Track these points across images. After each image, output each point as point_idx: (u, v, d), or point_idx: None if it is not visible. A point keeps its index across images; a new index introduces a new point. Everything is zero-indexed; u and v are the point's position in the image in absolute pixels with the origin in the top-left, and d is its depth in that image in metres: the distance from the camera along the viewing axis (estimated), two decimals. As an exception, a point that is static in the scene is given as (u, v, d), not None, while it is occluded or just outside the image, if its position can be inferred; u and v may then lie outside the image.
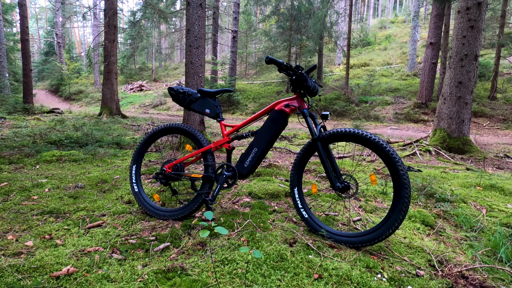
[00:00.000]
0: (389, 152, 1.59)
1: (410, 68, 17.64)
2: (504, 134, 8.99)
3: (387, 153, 1.60)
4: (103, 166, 3.73)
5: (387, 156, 1.59)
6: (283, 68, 1.82)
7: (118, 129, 8.13)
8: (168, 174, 2.04)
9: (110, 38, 10.74)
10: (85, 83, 25.25)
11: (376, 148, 1.63)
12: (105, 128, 7.76)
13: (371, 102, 12.66)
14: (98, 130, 7.30)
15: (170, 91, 2.10)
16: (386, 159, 1.60)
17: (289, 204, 2.37)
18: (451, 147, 5.03)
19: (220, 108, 2.07)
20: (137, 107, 18.42)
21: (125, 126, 8.92)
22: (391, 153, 1.59)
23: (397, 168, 1.57)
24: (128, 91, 23.03)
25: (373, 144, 1.63)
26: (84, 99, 21.15)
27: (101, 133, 6.33)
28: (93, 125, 8.33)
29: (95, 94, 21.53)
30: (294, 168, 1.91)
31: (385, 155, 1.60)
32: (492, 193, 2.79)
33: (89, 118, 10.97)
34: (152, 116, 13.50)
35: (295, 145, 6.06)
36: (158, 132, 2.14)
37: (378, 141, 1.62)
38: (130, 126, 9.12)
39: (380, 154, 1.63)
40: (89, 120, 10.17)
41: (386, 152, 1.60)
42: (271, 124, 1.90)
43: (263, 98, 15.83)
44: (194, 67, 4.73)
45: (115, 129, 8.05)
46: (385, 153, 1.60)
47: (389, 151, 1.59)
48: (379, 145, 1.62)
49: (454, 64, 5.01)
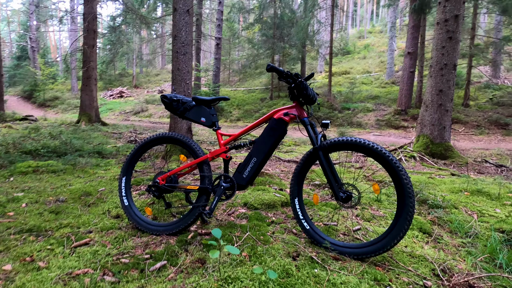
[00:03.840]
0: (392, 161, 1.58)
1: (389, 76, 18.31)
2: (478, 139, 9.45)
3: (390, 162, 1.58)
4: (85, 177, 3.52)
5: (390, 165, 1.58)
6: (283, 76, 1.78)
7: (98, 137, 7.80)
8: (161, 186, 1.93)
9: (89, 43, 10.40)
10: (61, 89, 24.25)
11: (379, 157, 1.62)
12: (85, 136, 7.43)
13: (354, 109, 12.96)
14: (77, 139, 6.97)
15: (163, 99, 2.01)
16: (389, 168, 1.59)
17: (286, 214, 2.31)
18: (434, 152, 5.19)
19: (216, 116, 1.99)
20: (118, 114, 17.87)
21: (106, 134, 8.58)
22: (394, 162, 1.58)
23: (400, 177, 1.56)
24: (107, 98, 22.34)
25: (376, 153, 1.62)
26: (60, 106, 20.26)
27: (81, 142, 6.04)
28: (72, 133, 7.94)
29: (72, 100, 20.70)
30: (294, 178, 1.86)
31: (388, 164, 1.59)
32: (479, 198, 2.86)
33: (67, 125, 10.48)
34: (133, 123, 13.11)
35: (283, 152, 6.05)
36: (150, 142, 2.03)
37: (381, 150, 1.61)
38: (111, 134, 8.78)
39: (383, 163, 1.61)
40: (67, 127, 9.71)
41: (389, 161, 1.58)
42: (270, 133, 1.85)
43: (247, 105, 15.82)
44: (181, 74, 4.63)
45: (95, 137, 7.72)
46: (388, 162, 1.59)
47: (392, 160, 1.58)
48: (382, 154, 1.60)
49: (435, 73, 5.21)
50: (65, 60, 13.29)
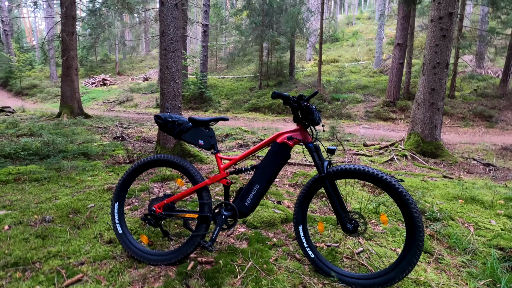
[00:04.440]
0: (402, 193, 1.53)
1: (377, 65, 18.34)
2: (463, 131, 9.69)
3: (399, 194, 1.53)
4: (72, 186, 3.35)
5: (400, 197, 1.53)
6: (289, 102, 1.68)
7: (82, 133, 7.48)
8: (158, 215, 1.82)
9: (68, 30, 9.80)
10: (39, 76, 23.06)
11: (388, 188, 1.56)
12: (68, 132, 7.10)
13: (343, 100, 12.97)
14: (60, 136, 6.66)
15: (157, 120, 1.86)
16: (399, 200, 1.54)
17: (287, 233, 2.26)
18: (425, 151, 5.25)
19: (214, 138, 1.87)
20: (101, 103, 17.23)
21: (90, 129, 8.25)
22: (404, 195, 1.52)
23: (410, 210, 1.51)
24: (89, 86, 21.46)
25: (385, 184, 1.56)
26: (39, 95, 19.32)
27: (64, 140, 5.76)
28: (53, 129, 7.58)
29: (52, 88, 19.76)
30: (298, 205, 1.79)
31: (397, 196, 1.54)
32: (474, 206, 2.90)
33: (47, 118, 10.01)
34: (119, 115, 12.68)
35: (275, 150, 5.97)
36: (144, 165, 1.90)
37: (390, 181, 1.55)
38: (95, 128, 8.44)
39: (392, 194, 1.56)
40: (47, 121, 9.27)
41: (399, 193, 1.53)
42: (273, 158, 1.75)
43: (236, 95, 15.56)
44: (171, 73, 4.41)
45: (79, 133, 7.40)
46: (398, 194, 1.53)
47: (402, 192, 1.53)
48: (391, 185, 1.55)
49: (428, 71, 5.19)
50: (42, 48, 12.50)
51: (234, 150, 5.94)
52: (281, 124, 11.07)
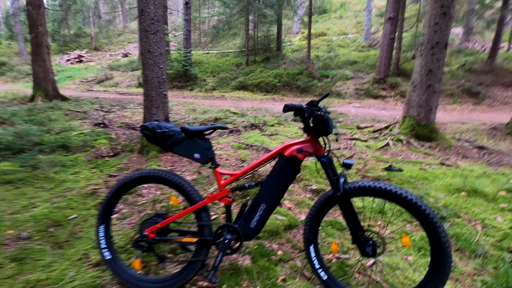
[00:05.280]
0: (429, 215, 1.36)
1: (366, 39, 17.91)
2: (452, 109, 9.73)
3: (426, 217, 1.37)
4: (51, 189, 3.05)
5: (427, 220, 1.37)
6: (302, 113, 1.44)
7: (59, 119, 6.97)
8: (151, 240, 1.60)
9: (34, 3, 8.84)
10: (7, 53, 21.28)
11: (413, 209, 1.39)
12: (43, 119, 6.58)
13: (332, 77, 12.69)
14: (35, 123, 6.18)
15: (144, 131, 1.59)
16: (425, 223, 1.38)
17: (291, 243, 2.11)
18: (420, 134, 5.17)
19: (212, 151, 1.63)
20: (78, 83, 16.21)
21: (68, 114, 7.69)
22: (431, 217, 1.36)
23: (438, 234, 1.36)
24: (64, 63, 20.09)
25: (410, 204, 1.39)
26: (9, 74, 17.93)
27: (40, 130, 5.32)
28: (27, 115, 7.02)
29: (23, 67, 18.35)
30: (308, 224, 1.61)
31: (424, 218, 1.38)
32: (477, 200, 2.84)
33: (20, 102, 9.29)
34: (98, 96, 11.94)
35: (267, 135, 5.75)
36: (130, 183, 1.64)
37: (416, 201, 1.38)
38: (74, 113, 7.89)
39: (417, 216, 1.40)
40: (20, 105, 8.59)
41: (425, 215, 1.37)
42: (280, 174, 1.54)
43: (222, 72, 14.94)
44: (153, 57, 4.00)
45: (56, 119, 6.89)
46: (425, 216, 1.37)
47: (429, 214, 1.37)
48: (417, 206, 1.38)
49: (426, 52, 4.97)
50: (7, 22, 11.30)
51: (225, 136, 5.68)
52: (270, 104, 10.76)
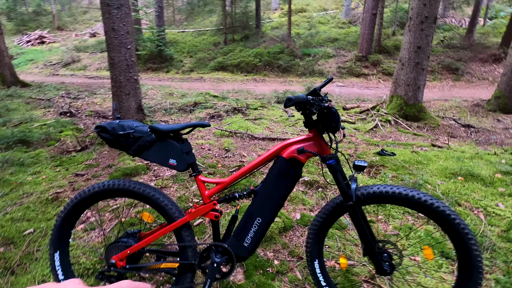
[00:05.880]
0: (459, 225, 1.14)
1: (346, 15, 17.50)
2: (433, 86, 9.75)
3: (456, 227, 1.14)
4: (4, 194, 2.62)
5: (456, 231, 1.15)
6: (308, 106, 1.14)
7: (19, 108, 6.28)
8: (121, 270, 1.28)
9: (-22, -24, 7.67)
10: (-44, 34, 19.09)
11: (439, 218, 1.16)
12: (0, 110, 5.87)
13: (314, 55, 12.33)
14: (-11, 115, 5.51)
15: (101, 134, 1.23)
16: (455, 235, 1.16)
17: (288, 249, 1.87)
18: (408, 114, 5.04)
19: (192, 155, 1.30)
20: (42, 66, 14.87)
21: (29, 102, 6.95)
22: (462, 227, 1.14)
23: (469, 247, 1.14)
24: (24, 45, 18.33)
25: (437, 214, 1.16)
26: (-40, 57, 16.11)
27: (-6, 124, 4.71)
28: (-20, 106, 6.24)
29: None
30: (313, 236, 1.36)
31: (453, 228, 1.15)
32: (475, 185, 2.72)
33: (-28, 90, 8.30)
34: (65, 81, 10.98)
35: (251, 120, 5.42)
36: (89, 198, 1.30)
37: (443, 209, 1.15)
38: (36, 101, 7.14)
39: (445, 226, 1.17)
40: (-27, 94, 7.66)
41: (455, 225, 1.14)
42: (279, 180, 1.25)
43: (199, 52, 14.17)
44: (119, 36, 3.49)
45: (14, 109, 6.20)
46: (454, 226, 1.15)
47: (459, 224, 1.14)
48: (445, 215, 1.15)
49: (414, 27, 4.73)
50: None
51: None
52: (252, 85, 10.33)
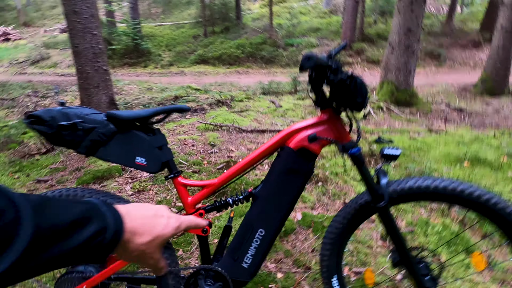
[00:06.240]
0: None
1: (327, 4, 17.33)
2: (417, 72, 9.61)
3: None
4: None
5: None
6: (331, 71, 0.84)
7: (-23, 110, 5.64)
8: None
9: None
10: None
11: (497, 217, 0.90)
12: (-46, 112, 5.24)
13: (297, 45, 12.07)
14: None
15: (36, 127, 0.88)
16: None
17: (293, 258, 1.58)
18: (399, 100, 4.87)
19: (168, 150, 0.97)
20: (7, 65, 13.81)
21: (-9, 103, 6.29)
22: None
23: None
24: (-14, 43, 16.99)
25: (492, 211, 0.89)
26: None
27: None
28: None
29: None
30: (329, 246, 1.06)
31: (511, 228, 0.89)
32: (483, 170, 2.54)
33: None
34: (32, 80, 10.17)
35: (237, 112, 5.07)
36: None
37: (503, 206, 0.88)
38: (-2, 101, 6.48)
39: (501, 224, 0.91)
40: None
41: (516, 225, 0.88)
42: (285, 179, 0.94)
43: (179, 46, 13.60)
44: (82, 19, 3.05)
45: (-28, 110, 5.55)
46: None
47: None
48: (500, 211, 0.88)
49: (404, 8, 4.53)
50: None
51: (188, 117, 4.91)
52: (235, 77, 9.94)
